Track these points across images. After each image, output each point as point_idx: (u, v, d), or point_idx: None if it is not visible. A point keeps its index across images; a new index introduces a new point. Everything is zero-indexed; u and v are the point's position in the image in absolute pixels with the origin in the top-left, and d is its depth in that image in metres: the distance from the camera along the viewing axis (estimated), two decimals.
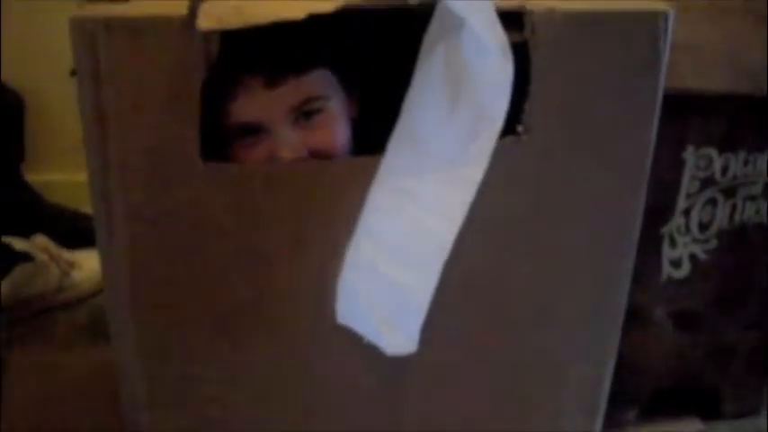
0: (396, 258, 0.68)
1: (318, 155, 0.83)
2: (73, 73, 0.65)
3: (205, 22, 0.62)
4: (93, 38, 0.63)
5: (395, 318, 0.70)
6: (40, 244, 1.46)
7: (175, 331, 0.74)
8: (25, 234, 1.47)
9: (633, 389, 1.13)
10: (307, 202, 0.71)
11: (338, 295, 0.72)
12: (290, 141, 0.82)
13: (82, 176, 0.69)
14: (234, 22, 0.62)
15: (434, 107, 0.67)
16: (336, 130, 0.86)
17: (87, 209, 0.69)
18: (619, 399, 1.03)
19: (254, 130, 0.82)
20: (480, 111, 0.66)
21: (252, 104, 0.81)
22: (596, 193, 0.78)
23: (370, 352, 0.73)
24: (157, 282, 0.72)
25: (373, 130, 0.74)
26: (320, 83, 0.84)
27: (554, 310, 0.82)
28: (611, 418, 0.97)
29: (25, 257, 1.42)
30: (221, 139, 0.81)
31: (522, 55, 0.69)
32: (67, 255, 1.48)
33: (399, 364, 0.74)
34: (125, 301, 0.72)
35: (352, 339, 0.73)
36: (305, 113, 0.83)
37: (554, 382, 0.86)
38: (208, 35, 0.63)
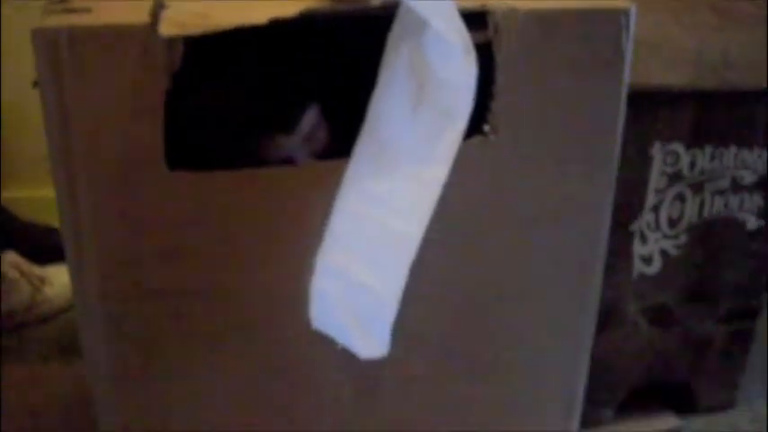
0: (364, 262, 0.68)
1: None
2: (35, 84, 0.65)
3: (168, 28, 0.62)
4: (57, 48, 0.63)
5: (366, 321, 0.69)
6: (10, 261, 1.44)
7: (148, 344, 0.73)
8: None
9: (608, 387, 1.13)
10: (274, 208, 0.71)
11: (311, 301, 0.72)
12: None
13: (51, 192, 0.68)
14: (197, 27, 0.62)
15: (399, 109, 0.67)
16: None
17: (57, 224, 0.69)
18: (594, 397, 1.04)
19: None
20: (444, 111, 0.66)
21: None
22: (564, 191, 0.78)
23: (345, 356, 0.73)
24: (128, 293, 0.71)
25: (337, 133, 0.74)
26: None
27: (525, 309, 0.82)
28: (587, 418, 0.98)
29: None
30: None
31: (486, 55, 0.69)
32: (38, 271, 1.46)
33: (374, 367, 0.73)
34: (96, 315, 0.71)
35: (328, 344, 0.73)
36: None
37: (528, 384, 0.87)
38: (171, 42, 0.63)
